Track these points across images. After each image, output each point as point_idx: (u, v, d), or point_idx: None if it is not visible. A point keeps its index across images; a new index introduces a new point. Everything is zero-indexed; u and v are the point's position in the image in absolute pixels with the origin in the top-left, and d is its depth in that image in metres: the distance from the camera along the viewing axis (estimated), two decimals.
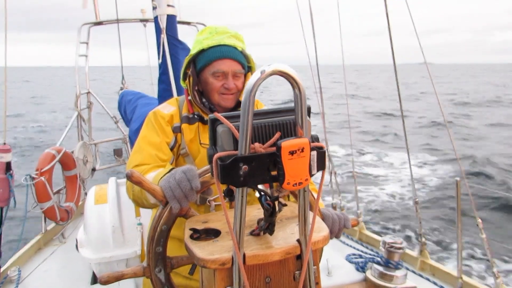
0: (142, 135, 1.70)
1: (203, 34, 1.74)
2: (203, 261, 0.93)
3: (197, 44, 1.71)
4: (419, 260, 3.13)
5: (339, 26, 3.62)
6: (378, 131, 16.56)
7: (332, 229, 1.32)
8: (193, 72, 1.72)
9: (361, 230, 3.71)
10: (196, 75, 1.73)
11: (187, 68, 1.76)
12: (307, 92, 0.86)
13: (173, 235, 1.22)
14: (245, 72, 1.75)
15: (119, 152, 5.29)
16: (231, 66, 1.67)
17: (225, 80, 1.68)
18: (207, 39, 1.69)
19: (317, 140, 0.90)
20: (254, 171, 0.82)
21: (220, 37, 1.68)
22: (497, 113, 21.81)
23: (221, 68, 1.66)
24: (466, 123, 18.06)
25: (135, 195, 1.47)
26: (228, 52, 1.66)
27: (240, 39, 1.75)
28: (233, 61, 1.67)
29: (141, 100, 3.51)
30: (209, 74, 1.68)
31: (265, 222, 0.99)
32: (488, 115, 21.11)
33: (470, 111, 22.75)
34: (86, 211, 2.79)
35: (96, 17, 4.79)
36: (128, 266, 2.67)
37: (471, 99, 29.54)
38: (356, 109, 23.63)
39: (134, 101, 3.63)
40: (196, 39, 1.76)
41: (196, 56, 1.72)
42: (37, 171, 3.37)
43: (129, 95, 3.96)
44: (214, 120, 0.88)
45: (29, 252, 3.44)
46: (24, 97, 34.23)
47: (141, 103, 3.45)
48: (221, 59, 1.66)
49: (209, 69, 1.68)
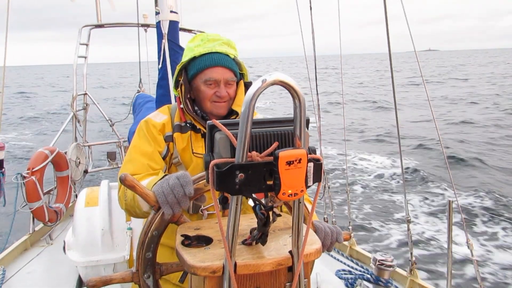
0: (133, 144, 1.68)
1: (195, 41, 1.72)
2: (193, 268, 0.92)
3: (189, 52, 1.70)
4: (408, 279, 3.12)
5: (338, 16, 3.64)
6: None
7: (324, 242, 1.32)
8: (185, 80, 1.71)
9: (352, 246, 3.70)
10: (188, 83, 1.72)
11: (179, 76, 1.74)
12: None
13: (163, 243, 1.21)
14: (237, 79, 1.74)
15: (112, 155, 5.26)
16: (223, 74, 1.66)
17: (217, 88, 1.66)
18: (199, 47, 1.67)
19: (314, 153, 0.90)
20: (250, 179, 0.82)
21: (212, 44, 1.67)
22: None
23: (213, 76, 1.65)
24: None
25: (127, 204, 1.44)
26: (220, 60, 1.65)
27: (232, 46, 1.74)
28: (225, 68, 1.66)
29: (148, 104, 3.53)
30: (201, 82, 1.67)
31: (258, 231, 0.98)
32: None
33: None
34: (76, 213, 2.76)
35: (97, 19, 4.80)
36: (115, 271, 2.63)
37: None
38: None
39: (142, 105, 3.68)
40: (187, 47, 1.75)
41: (188, 63, 1.70)
42: (28, 170, 3.34)
43: (140, 98, 4.00)
44: (212, 127, 0.88)
45: (15, 252, 3.39)
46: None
47: (146, 107, 3.47)
48: (213, 66, 1.65)
49: (200, 77, 1.67)
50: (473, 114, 18.87)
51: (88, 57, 4.85)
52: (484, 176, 10.00)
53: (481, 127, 16.05)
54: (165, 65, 2.81)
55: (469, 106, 21.70)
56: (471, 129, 15.71)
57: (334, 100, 24.89)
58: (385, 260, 1.86)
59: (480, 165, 10.78)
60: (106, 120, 5.47)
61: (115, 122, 5.55)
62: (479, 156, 11.42)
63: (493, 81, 36.09)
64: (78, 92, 4.65)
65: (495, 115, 18.43)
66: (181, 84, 1.72)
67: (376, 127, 16.50)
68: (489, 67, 59.06)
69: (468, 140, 13.64)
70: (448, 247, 2.77)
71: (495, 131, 14.96)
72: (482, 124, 16.39)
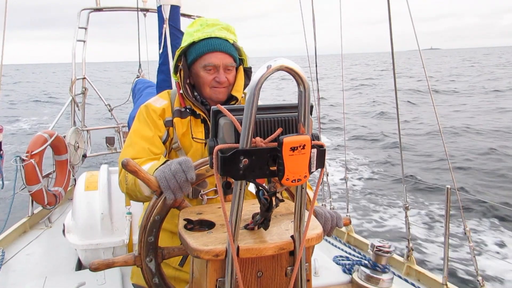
0: (134, 129, 1.68)
1: (194, 27, 1.71)
2: (197, 251, 0.93)
3: (188, 37, 1.68)
4: (405, 265, 3.16)
5: (340, 15, 3.61)
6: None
7: (324, 227, 1.33)
8: (184, 65, 1.70)
9: (349, 233, 3.73)
10: (188, 68, 1.71)
11: (178, 61, 1.73)
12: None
13: (164, 227, 1.22)
14: (236, 65, 1.73)
15: (111, 140, 5.25)
16: (222, 59, 1.65)
17: (217, 73, 1.66)
18: (198, 32, 1.66)
19: (317, 139, 0.90)
20: (254, 165, 0.82)
21: (211, 29, 1.66)
22: None
23: (212, 61, 1.64)
24: None
25: (128, 188, 1.45)
26: (219, 45, 1.64)
27: (232, 31, 1.73)
28: (224, 54, 1.65)
29: (147, 90, 3.51)
30: (200, 67, 1.66)
31: (260, 216, 0.99)
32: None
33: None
34: (75, 197, 2.77)
35: (96, 3, 4.75)
36: (115, 254, 2.66)
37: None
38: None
39: (142, 90, 3.65)
40: (186, 32, 1.73)
41: (187, 49, 1.69)
42: (27, 153, 3.34)
43: (140, 83, 3.98)
44: (216, 112, 0.88)
45: (14, 234, 3.41)
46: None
47: (146, 92, 3.45)
48: (212, 52, 1.63)
49: (200, 62, 1.66)
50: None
51: (87, 41, 4.81)
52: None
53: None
54: (166, 50, 2.78)
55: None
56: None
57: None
58: (383, 246, 1.88)
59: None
60: (105, 105, 5.45)
61: (114, 107, 5.53)
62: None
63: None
64: (76, 77, 4.62)
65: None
66: (180, 69, 1.71)
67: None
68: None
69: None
70: (445, 233, 2.81)
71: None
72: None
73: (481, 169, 9.85)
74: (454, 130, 14.25)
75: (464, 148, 11.88)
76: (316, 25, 3.54)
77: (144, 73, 5.13)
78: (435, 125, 2.88)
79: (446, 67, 57.81)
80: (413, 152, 11.71)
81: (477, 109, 19.28)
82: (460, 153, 11.29)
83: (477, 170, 9.82)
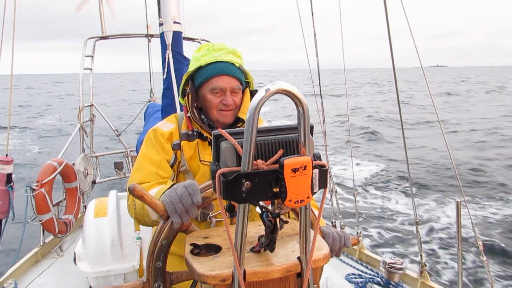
0: (142, 153, 1.71)
1: (201, 51, 1.75)
2: (203, 276, 0.93)
3: (195, 61, 1.73)
4: (419, 282, 3.09)
5: (341, 30, 3.62)
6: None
7: (332, 247, 1.32)
8: (192, 89, 1.73)
9: (361, 250, 3.68)
10: (195, 91, 1.74)
11: (186, 85, 1.77)
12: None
13: (173, 251, 1.22)
14: (243, 88, 1.76)
15: (120, 165, 5.29)
16: (229, 82, 1.69)
17: (223, 96, 1.69)
18: (205, 56, 1.70)
19: (319, 159, 0.91)
20: (256, 187, 0.83)
21: (218, 53, 1.70)
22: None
23: (219, 85, 1.67)
24: None
25: (137, 212, 1.47)
26: (225, 69, 1.68)
27: (238, 55, 1.77)
28: (231, 77, 1.69)
29: (156, 114, 3.54)
30: (207, 90, 1.69)
31: (266, 239, 0.99)
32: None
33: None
34: (85, 224, 2.78)
35: (102, 31, 4.85)
36: (126, 280, 2.65)
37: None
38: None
39: (151, 114, 3.68)
40: (193, 56, 1.78)
41: (194, 73, 1.73)
42: (37, 182, 3.37)
43: (151, 107, 4.01)
44: (218, 136, 0.89)
45: (26, 264, 3.41)
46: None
47: (154, 117, 3.47)
48: (219, 75, 1.67)
49: (207, 86, 1.69)
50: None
51: (93, 69, 4.90)
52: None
53: None
54: (170, 75, 2.83)
55: None
56: None
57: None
58: (394, 263, 1.86)
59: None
60: (113, 130, 5.51)
61: (121, 132, 5.59)
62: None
63: None
64: (84, 104, 4.69)
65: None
66: (188, 93, 1.75)
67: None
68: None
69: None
70: (457, 247, 2.75)
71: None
72: None
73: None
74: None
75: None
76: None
77: (155, 97, 5.18)
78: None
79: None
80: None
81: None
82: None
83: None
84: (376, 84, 61.13)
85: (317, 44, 3.42)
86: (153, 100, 5.04)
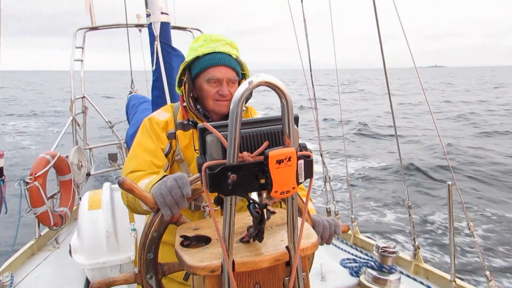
0: (137, 141, 1.71)
1: (198, 42, 1.76)
2: (192, 268, 0.94)
3: (192, 52, 1.74)
4: (413, 264, 3.15)
5: (332, 31, 3.65)
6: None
7: (322, 235, 1.34)
8: (189, 78, 1.75)
9: (355, 234, 3.73)
10: (191, 82, 1.75)
11: (182, 75, 1.78)
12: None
13: (165, 241, 1.23)
14: (239, 79, 1.78)
15: (114, 157, 5.29)
16: (225, 73, 1.70)
17: (220, 86, 1.70)
18: (202, 47, 1.72)
19: (305, 149, 0.91)
20: (242, 179, 0.83)
21: (215, 44, 1.71)
22: None
23: (215, 75, 1.68)
24: None
25: (129, 201, 1.48)
26: (222, 59, 1.69)
27: (235, 47, 1.78)
28: (228, 68, 1.70)
29: (142, 105, 3.50)
30: (204, 80, 1.70)
31: (254, 229, 1.00)
32: None
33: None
34: (79, 217, 2.79)
35: (92, 22, 4.80)
36: (122, 271, 2.67)
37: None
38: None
39: (136, 106, 3.64)
40: (191, 47, 1.78)
41: (191, 63, 1.74)
42: (31, 176, 3.37)
43: (134, 99, 3.96)
44: (203, 130, 0.90)
45: (22, 257, 3.43)
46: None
47: (142, 108, 3.44)
48: (216, 66, 1.68)
49: (203, 76, 1.71)
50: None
51: (84, 60, 4.86)
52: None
53: None
54: (159, 66, 2.80)
55: None
56: None
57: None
58: (387, 247, 1.88)
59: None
60: (106, 122, 5.49)
61: (114, 123, 5.57)
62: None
63: None
64: (76, 96, 4.65)
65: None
66: (184, 82, 1.76)
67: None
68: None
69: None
70: (449, 230, 2.80)
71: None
72: None
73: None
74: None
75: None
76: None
77: (137, 88, 5.14)
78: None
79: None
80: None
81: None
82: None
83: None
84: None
85: (309, 46, 3.46)
86: (134, 92, 4.99)
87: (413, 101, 28.90)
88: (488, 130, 16.34)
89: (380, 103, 28.73)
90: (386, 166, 10.88)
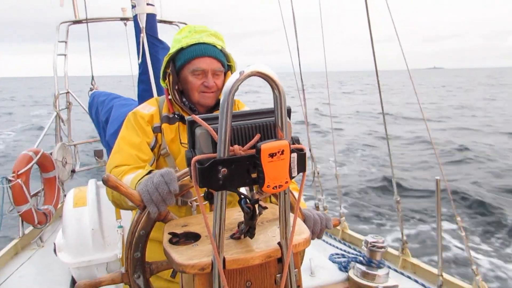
0: (121, 136, 1.67)
1: (182, 33, 1.72)
2: (182, 266, 0.91)
3: (176, 43, 1.70)
4: (400, 259, 3.16)
5: (322, 35, 3.66)
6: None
7: (313, 230, 1.32)
8: (173, 71, 1.71)
9: (344, 230, 3.73)
10: (176, 74, 1.72)
11: (167, 68, 1.74)
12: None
13: (154, 238, 1.19)
14: (225, 70, 1.74)
15: (100, 153, 5.19)
16: (210, 64, 1.66)
17: (205, 78, 1.67)
18: (186, 38, 1.68)
19: (297, 142, 0.89)
20: (233, 174, 0.80)
21: (199, 35, 1.68)
22: None
23: (200, 66, 1.65)
24: None
25: (114, 196, 1.44)
26: (207, 50, 1.66)
27: (220, 38, 1.74)
28: (213, 59, 1.67)
29: (116, 101, 3.36)
30: (189, 72, 1.67)
31: (245, 225, 0.97)
32: None
33: None
34: (64, 215, 2.73)
35: (75, 15, 4.69)
36: (108, 270, 2.62)
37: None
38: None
39: (108, 102, 3.47)
40: (174, 38, 1.74)
41: (176, 55, 1.70)
42: (13, 173, 3.28)
43: (101, 96, 3.77)
44: (192, 122, 0.86)
45: (5, 257, 3.35)
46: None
47: (117, 104, 3.30)
48: (201, 57, 1.65)
49: (188, 67, 1.67)
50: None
51: (68, 54, 4.75)
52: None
53: None
54: (145, 59, 2.74)
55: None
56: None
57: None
58: (376, 242, 1.88)
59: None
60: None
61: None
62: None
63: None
64: (60, 91, 4.55)
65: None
66: (169, 75, 1.72)
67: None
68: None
69: None
70: (437, 224, 2.81)
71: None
72: None
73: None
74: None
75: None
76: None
77: (97, 85, 4.94)
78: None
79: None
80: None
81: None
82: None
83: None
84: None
85: (299, 49, 3.47)
86: (95, 88, 4.82)
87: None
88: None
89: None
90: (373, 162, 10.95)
